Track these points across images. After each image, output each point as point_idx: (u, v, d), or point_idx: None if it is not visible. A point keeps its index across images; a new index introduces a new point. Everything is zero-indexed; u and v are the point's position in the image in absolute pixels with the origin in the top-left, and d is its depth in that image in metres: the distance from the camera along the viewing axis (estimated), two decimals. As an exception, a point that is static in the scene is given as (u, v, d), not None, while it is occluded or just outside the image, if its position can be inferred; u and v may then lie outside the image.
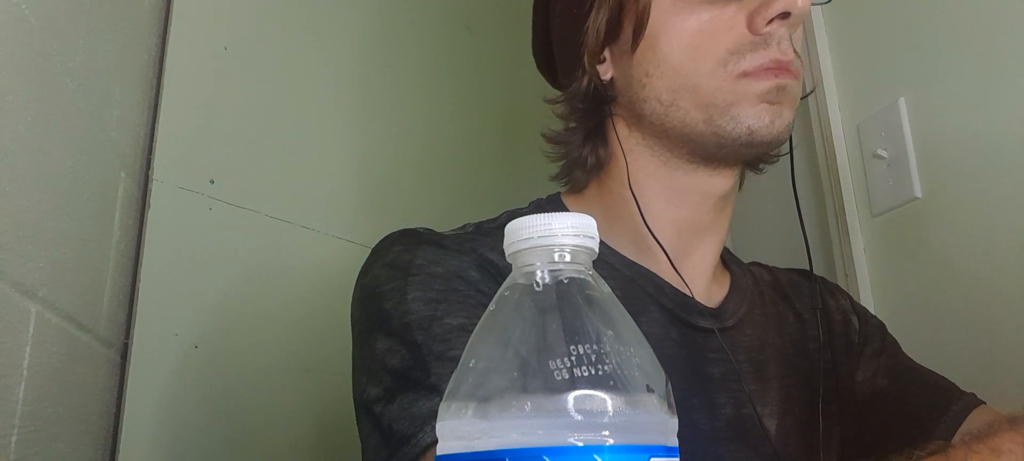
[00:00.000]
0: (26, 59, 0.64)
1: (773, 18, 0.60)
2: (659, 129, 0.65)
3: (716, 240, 0.70)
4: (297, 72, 1.23)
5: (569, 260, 0.34)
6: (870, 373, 0.73)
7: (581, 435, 0.29)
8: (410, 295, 0.57)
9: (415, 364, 0.54)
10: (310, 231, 1.18)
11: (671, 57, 0.62)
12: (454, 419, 0.32)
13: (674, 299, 0.66)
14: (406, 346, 0.55)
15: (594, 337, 0.32)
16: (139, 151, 0.97)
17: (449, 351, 0.53)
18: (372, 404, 0.56)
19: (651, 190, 0.67)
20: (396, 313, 0.57)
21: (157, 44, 1.02)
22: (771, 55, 0.60)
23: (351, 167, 1.29)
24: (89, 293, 0.81)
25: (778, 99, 0.61)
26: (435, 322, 0.55)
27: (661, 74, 0.63)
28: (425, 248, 0.61)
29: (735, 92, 0.61)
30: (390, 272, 0.60)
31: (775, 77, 0.61)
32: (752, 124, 0.60)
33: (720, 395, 0.64)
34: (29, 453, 0.66)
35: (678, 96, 0.63)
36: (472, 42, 1.57)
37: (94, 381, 0.84)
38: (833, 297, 0.77)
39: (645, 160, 0.67)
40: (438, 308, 0.56)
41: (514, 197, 0.78)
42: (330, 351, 1.13)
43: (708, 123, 0.62)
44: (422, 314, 0.56)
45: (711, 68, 0.61)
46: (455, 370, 0.33)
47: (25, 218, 0.64)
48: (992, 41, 0.92)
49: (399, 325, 0.56)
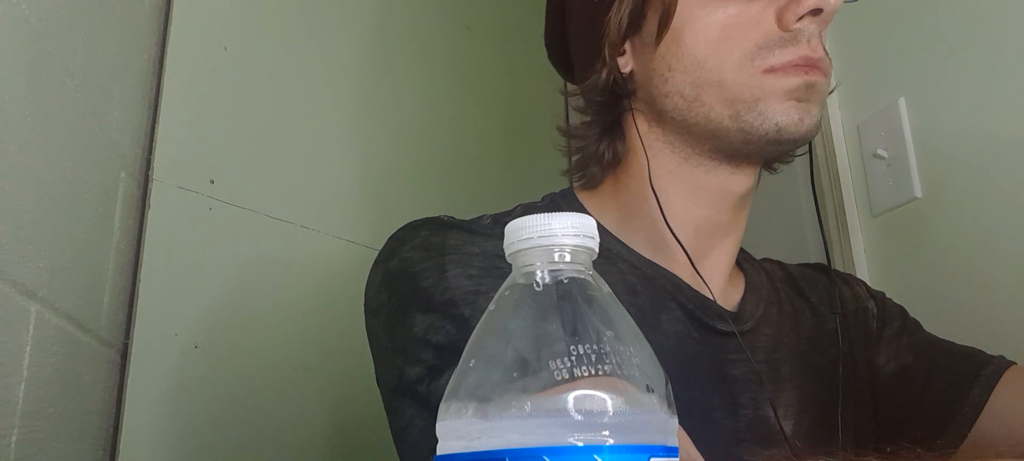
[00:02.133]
0: (26, 59, 0.64)
1: (804, 14, 0.59)
2: (681, 125, 0.64)
3: (734, 240, 0.69)
4: (297, 72, 1.23)
5: (569, 260, 0.34)
6: (892, 353, 0.71)
7: (581, 435, 0.29)
8: (450, 272, 0.55)
9: (463, 336, 0.52)
10: (310, 231, 1.18)
11: (696, 51, 0.61)
12: (454, 419, 0.32)
13: (694, 300, 0.65)
14: (451, 320, 0.53)
15: (594, 337, 0.32)
16: (139, 151, 0.97)
17: None
18: (416, 384, 0.54)
19: (671, 187, 0.65)
20: (436, 290, 0.55)
21: (157, 44, 1.02)
22: (801, 51, 0.59)
23: (351, 167, 1.29)
24: (89, 293, 0.81)
25: (807, 97, 0.60)
26: (480, 296, 0.54)
27: (685, 68, 0.62)
28: (456, 231, 0.59)
29: (763, 87, 0.59)
30: (423, 253, 0.58)
31: (805, 74, 0.59)
32: (781, 120, 0.59)
33: (742, 396, 0.63)
34: (29, 453, 0.66)
35: (702, 91, 0.61)
36: (472, 42, 1.57)
37: (94, 381, 0.84)
38: (847, 285, 0.76)
39: (665, 156, 0.66)
40: (482, 283, 0.54)
41: (514, 196, 0.77)
42: (331, 351, 1.13)
43: (734, 118, 0.60)
44: (466, 288, 0.54)
45: (738, 62, 0.60)
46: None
47: (25, 218, 0.64)
48: (992, 41, 0.92)
49: (441, 301, 0.54)
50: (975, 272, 0.92)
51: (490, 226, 0.62)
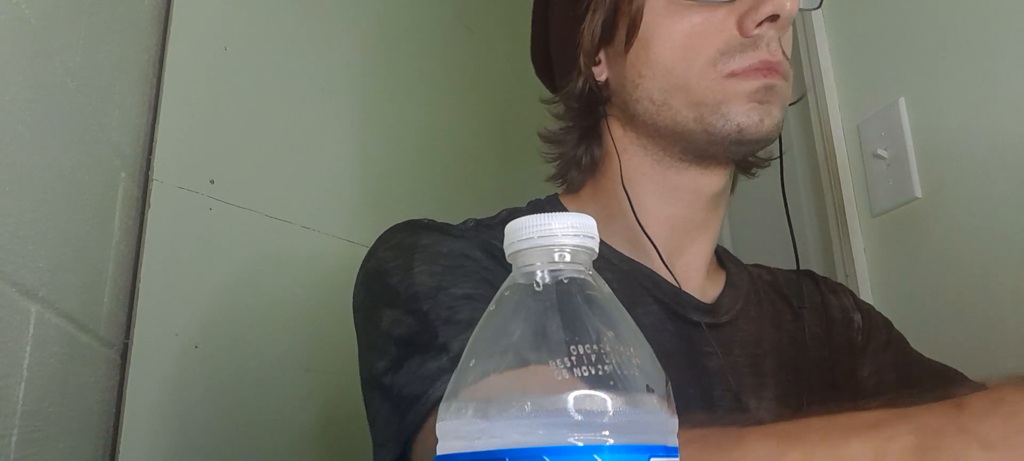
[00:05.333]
0: (26, 59, 0.64)
1: (762, 21, 0.62)
2: (651, 128, 0.67)
3: (709, 238, 0.72)
4: (297, 72, 1.23)
5: (569, 260, 0.34)
6: (875, 367, 0.73)
7: (581, 435, 0.29)
8: (416, 269, 0.59)
9: (422, 329, 0.55)
10: (310, 231, 1.18)
11: (663, 58, 0.64)
12: (454, 419, 0.32)
13: (669, 293, 0.67)
14: (412, 314, 0.56)
15: (594, 337, 0.32)
16: (139, 151, 0.97)
17: (455, 315, 0.54)
18: (381, 377, 0.57)
19: (644, 188, 0.69)
20: (401, 286, 0.58)
21: (157, 44, 1.02)
22: (760, 56, 0.62)
23: (351, 167, 1.29)
24: (89, 293, 0.81)
25: (767, 98, 0.63)
26: (441, 292, 0.56)
27: (653, 75, 0.65)
28: (429, 232, 0.63)
29: (725, 91, 0.62)
30: (395, 252, 0.62)
31: (763, 77, 0.62)
32: (742, 121, 0.62)
33: (716, 388, 0.65)
34: (29, 453, 0.66)
35: (669, 95, 0.64)
36: (472, 42, 1.57)
37: (94, 381, 0.84)
38: (834, 295, 0.78)
39: (639, 159, 0.69)
40: (444, 279, 0.58)
41: (514, 196, 0.79)
42: (330, 350, 1.13)
43: (698, 121, 0.63)
44: (428, 285, 0.57)
45: (702, 68, 0.63)
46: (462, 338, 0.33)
47: (25, 218, 0.65)
48: (992, 41, 0.92)
49: (405, 297, 0.57)
50: (975, 272, 0.92)
51: (469, 229, 0.66)
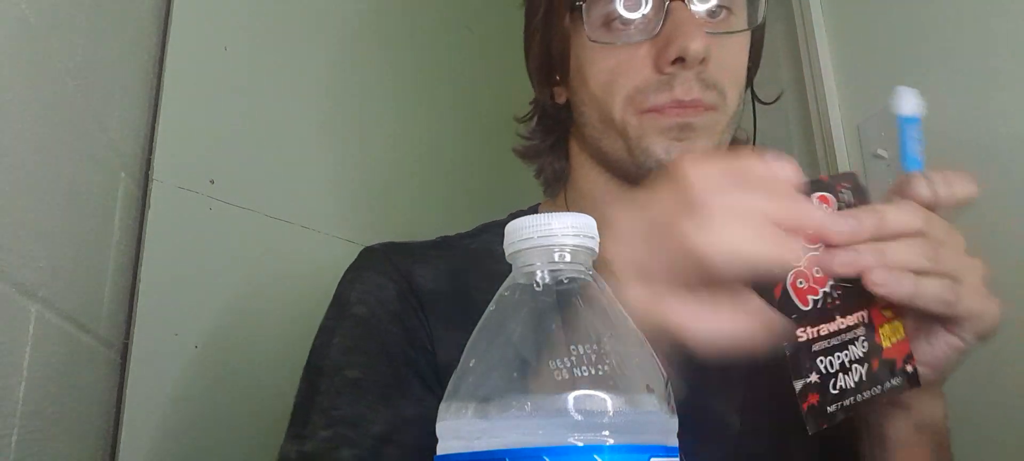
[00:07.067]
0: (26, 59, 0.64)
1: (672, 61, 0.64)
2: (597, 152, 0.71)
3: None
4: (297, 72, 1.23)
5: (569, 260, 0.34)
6: None
7: (581, 435, 0.29)
8: (335, 339, 0.66)
9: (304, 402, 0.63)
10: (310, 231, 1.18)
11: (595, 91, 0.68)
12: (454, 419, 0.32)
13: None
14: (307, 383, 0.65)
15: (594, 337, 0.32)
16: (139, 151, 0.97)
17: (333, 411, 0.61)
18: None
19: (604, 201, 0.72)
20: (317, 351, 0.66)
21: (157, 44, 1.02)
22: (673, 95, 0.64)
23: (351, 167, 1.29)
24: (89, 293, 0.81)
25: (683, 136, 0.64)
26: (337, 374, 0.63)
27: (591, 105, 0.69)
28: (367, 275, 0.69)
29: (643, 127, 0.65)
30: (332, 306, 0.69)
31: (677, 116, 0.64)
32: (661, 157, 0.64)
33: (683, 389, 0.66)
34: (29, 453, 0.66)
35: (606, 125, 0.68)
36: (472, 42, 1.57)
37: (94, 381, 0.84)
38: None
39: (595, 175, 0.73)
40: (351, 356, 0.64)
41: (513, 196, 0.79)
42: (330, 351, 1.13)
43: (628, 152, 0.66)
44: (332, 361, 0.64)
45: (623, 103, 0.66)
46: (324, 435, 0.33)
47: (25, 218, 0.64)
48: (992, 41, 0.92)
49: (313, 365, 0.65)
50: (975, 272, 0.92)
51: (420, 251, 0.71)
